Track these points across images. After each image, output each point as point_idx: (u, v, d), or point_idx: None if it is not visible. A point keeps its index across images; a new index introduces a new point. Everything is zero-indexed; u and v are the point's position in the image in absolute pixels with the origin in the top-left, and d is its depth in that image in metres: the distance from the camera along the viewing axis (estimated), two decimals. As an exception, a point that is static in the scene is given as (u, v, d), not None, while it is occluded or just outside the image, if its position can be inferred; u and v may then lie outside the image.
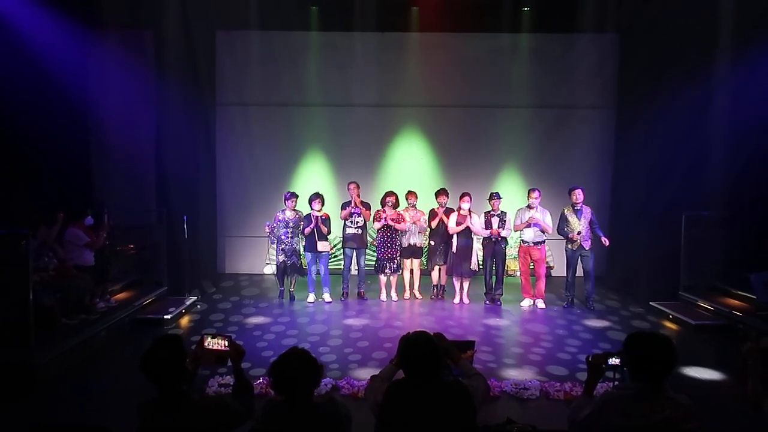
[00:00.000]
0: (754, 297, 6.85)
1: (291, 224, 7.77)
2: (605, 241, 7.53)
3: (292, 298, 7.93)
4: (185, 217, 7.99)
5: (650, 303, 7.65)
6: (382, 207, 7.84)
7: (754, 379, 2.67)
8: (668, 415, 2.40)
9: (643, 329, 6.51)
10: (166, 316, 6.87)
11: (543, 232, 7.60)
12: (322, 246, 7.75)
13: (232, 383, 2.82)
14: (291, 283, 7.98)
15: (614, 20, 8.89)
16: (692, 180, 7.59)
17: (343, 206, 7.95)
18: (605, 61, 9.49)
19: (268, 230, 7.81)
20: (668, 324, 7.11)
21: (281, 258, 7.83)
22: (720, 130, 7.40)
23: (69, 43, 7.22)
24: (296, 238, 7.86)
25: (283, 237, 7.76)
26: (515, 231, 7.73)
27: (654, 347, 2.46)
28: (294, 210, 7.82)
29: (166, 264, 7.99)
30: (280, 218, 7.76)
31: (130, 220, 8.17)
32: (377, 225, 7.82)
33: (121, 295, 7.42)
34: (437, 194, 7.93)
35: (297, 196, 7.87)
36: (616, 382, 2.89)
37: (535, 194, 7.60)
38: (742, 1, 6.89)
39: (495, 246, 7.69)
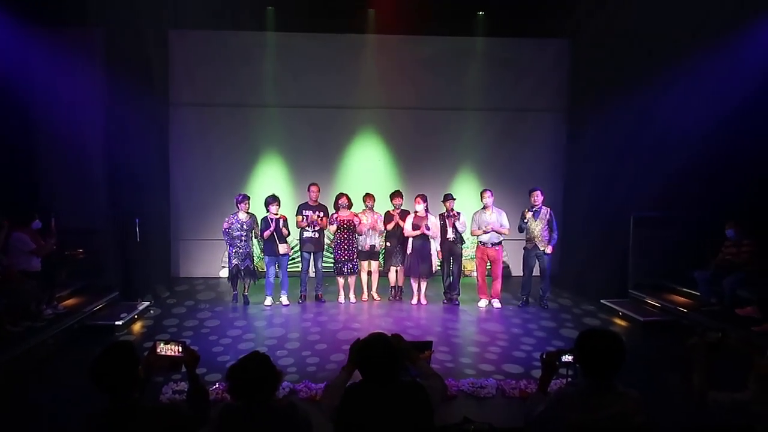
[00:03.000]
0: (698, 294, 7.15)
1: (245, 227, 7.65)
2: (548, 249, 7.65)
3: (246, 302, 7.81)
4: (137, 220, 7.77)
5: (601, 301, 7.88)
6: (336, 209, 7.82)
7: (698, 372, 2.79)
8: (619, 409, 2.47)
9: (595, 327, 6.69)
10: (117, 322, 6.66)
11: (499, 233, 7.71)
12: (282, 248, 7.67)
13: (186, 390, 2.76)
14: (245, 287, 7.86)
15: (565, 27, 9.14)
16: (640, 181, 7.85)
17: (299, 209, 7.88)
18: (557, 66, 9.74)
19: (226, 226, 7.64)
20: (618, 321, 7.34)
21: (234, 262, 7.70)
22: (665, 134, 7.68)
23: (11, 40, 6.94)
24: (250, 242, 7.74)
25: (236, 240, 7.64)
26: (472, 235, 7.81)
27: (604, 344, 2.53)
28: (247, 213, 7.71)
29: (118, 268, 7.77)
30: (233, 222, 7.63)
31: (79, 223, 7.89)
32: (332, 228, 7.80)
33: (69, 301, 7.17)
34: (392, 196, 7.97)
35: (249, 198, 7.75)
36: (569, 379, 2.96)
37: (488, 194, 7.72)
38: (682, 11, 7.18)
39: (452, 247, 7.77)
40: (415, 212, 7.72)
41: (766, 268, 6.49)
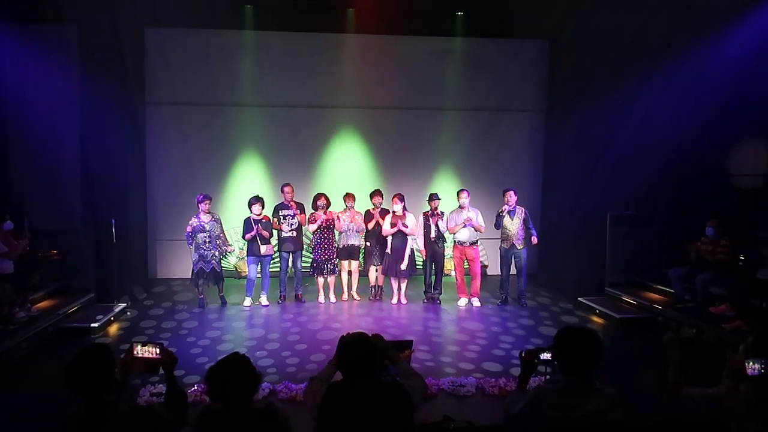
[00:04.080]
0: (672, 291, 7.28)
1: (207, 228, 7.53)
2: (534, 240, 7.77)
3: (223, 303, 7.74)
4: (113, 221, 7.66)
5: (579, 299, 7.98)
6: (315, 210, 7.80)
7: (673, 367, 2.85)
8: (596, 405, 2.51)
9: (572, 324, 6.78)
10: (93, 325, 6.56)
11: (476, 231, 7.77)
12: (265, 249, 7.62)
13: (164, 392, 2.73)
14: (219, 288, 7.77)
15: (544, 27, 9.23)
16: (616, 181, 7.97)
17: (276, 209, 7.83)
18: (535, 67, 9.83)
19: (189, 229, 7.54)
20: (595, 318, 7.44)
21: (199, 265, 7.53)
22: (640, 134, 7.81)
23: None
24: (212, 243, 7.57)
25: (200, 243, 7.52)
26: (450, 233, 7.86)
27: (581, 341, 2.57)
28: (209, 213, 7.60)
29: (93, 270, 7.64)
30: (195, 225, 7.50)
31: (53, 224, 7.74)
32: (312, 227, 7.77)
33: (43, 304, 7.02)
34: (372, 195, 7.98)
35: (211, 198, 7.66)
36: (548, 376, 2.99)
37: (465, 194, 7.77)
38: (657, 13, 7.30)
39: (434, 246, 7.80)
40: (393, 212, 7.73)
41: (738, 267, 6.63)
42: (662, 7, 7.21)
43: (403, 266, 7.76)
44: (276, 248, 7.95)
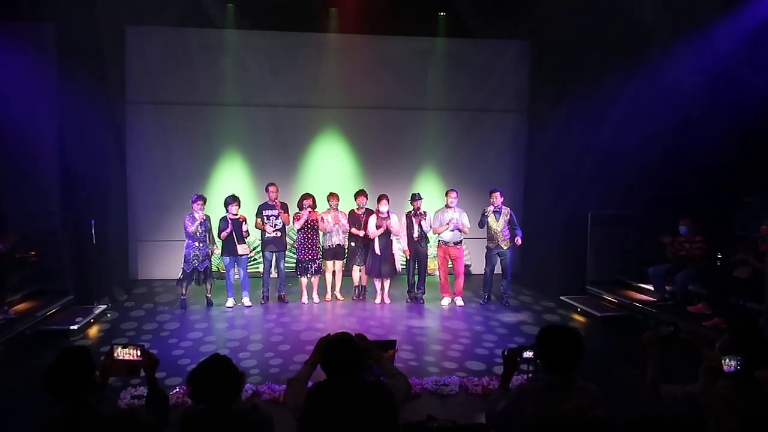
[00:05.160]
0: (652, 289, 7.38)
1: (203, 227, 7.52)
2: (518, 240, 7.83)
3: (210, 304, 7.70)
4: (93, 221, 7.56)
5: (561, 297, 8.06)
6: (300, 209, 7.77)
7: (652, 365, 2.89)
8: (578, 403, 2.53)
9: (554, 323, 6.86)
10: (72, 327, 6.47)
11: (461, 231, 7.80)
12: (241, 249, 7.58)
13: (145, 394, 2.70)
14: (207, 289, 7.73)
15: (525, 28, 9.29)
16: (597, 180, 8.06)
17: (259, 209, 7.79)
18: (517, 67, 9.89)
19: (192, 227, 7.46)
20: (577, 317, 7.52)
21: (194, 263, 7.48)
22: (621, 134, 7.89)
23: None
24: (206, 242, 7.57)
25: (196, 241, 7.48)
26: (435, 233, 7.89)
27: (563, 339, 2.60)
28: (201, 212, 7.54)
29: (73, 271, 7.53)
30: (194, 221, 7.44)
31: (31, 225, 7.60)
32: (297, 225, 7.74)
33: (21, 306, 6.90)
34: (356, 195, 7.98)
35: (205, 199, 7.61)
36: (530, 375, 3.01)
37: (453, 195, 7.80)
38: (637, 14, 7.39)
39: (417, 246, 7.81)
40: (378, 213, 7.74)
41: (716, 264, 6.74)
42: (642, 7, 7.30)
43: (396, 266, 7.76)
44: (254, 249, 7.90)
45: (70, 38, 7.55)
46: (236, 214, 7.56)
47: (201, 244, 7.52)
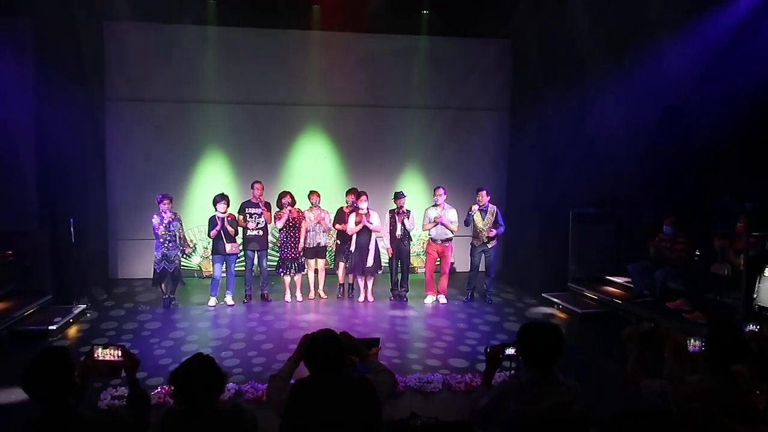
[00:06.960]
0: (632, 286, 7.48)
1: (171, 227, 7.39)
2: (492, 232, 7.65)
3: (170, 305, 7.55)
4: (71, 220, 7.44)
5: (542, 294, 8.12)
6: (280, 208, 7.73)
7: (632, 359, 2.93)
8: (559, 399, 2.56)
9: (536, 320, 6.91)
10: (51, 327, 6.37)
11: (446, 227, 7.82)
12: (230, 248, 7.52)
13: (126, 395, 2.68)
14: (170, 290, 7.56)
15: (507, 27, 9.35)
16: (579, 178, 8.14)
17: (242, 207, 7.75)
18: (499, 66, 9.95)
19: (160, 228, 7.38)
20: (558, 314, 7.59)
21: (163, 264, 7.38)
22: (602, 133, 7.99)
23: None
24: (175, 242, 7.43)
25: (163, 242, 7.36)
26: (424, 230, 7.91)
27: (544, 336, 2.62)
28: (170, 211, 7.43)
29: (51, 270, 7.41)
30: (167, 220, 7.34)
31: (8, 223, 7.47)
32: (279, 224, 7.71)
33: (-3, 306, 6.80)
34: (347, 193, 7.99)
35: (171, 198, 7.48)
36: (512, 371, 3.04)
37: (440, 192, 7.81)
38: (617, 13, 7.48)
39: (400, 244, 7.83)
40: (359, 210, 7.72)
41: (695, 264, 6.84)
42: (622, 7, 7.39)
43: (369, 263, 7.76)
44: (241, 247, 7.86)
45: (48, 34, 7.41)
46: (225, 212, 7.49)
47: (170, 244, 7.41)
